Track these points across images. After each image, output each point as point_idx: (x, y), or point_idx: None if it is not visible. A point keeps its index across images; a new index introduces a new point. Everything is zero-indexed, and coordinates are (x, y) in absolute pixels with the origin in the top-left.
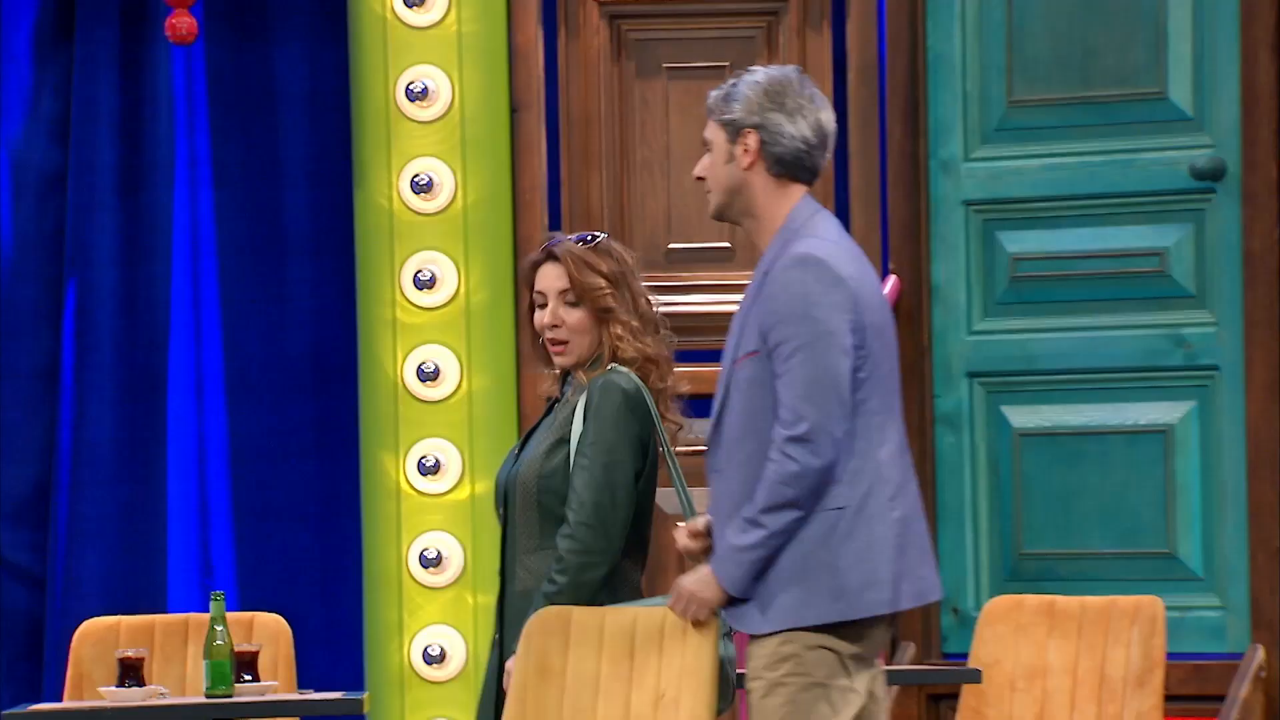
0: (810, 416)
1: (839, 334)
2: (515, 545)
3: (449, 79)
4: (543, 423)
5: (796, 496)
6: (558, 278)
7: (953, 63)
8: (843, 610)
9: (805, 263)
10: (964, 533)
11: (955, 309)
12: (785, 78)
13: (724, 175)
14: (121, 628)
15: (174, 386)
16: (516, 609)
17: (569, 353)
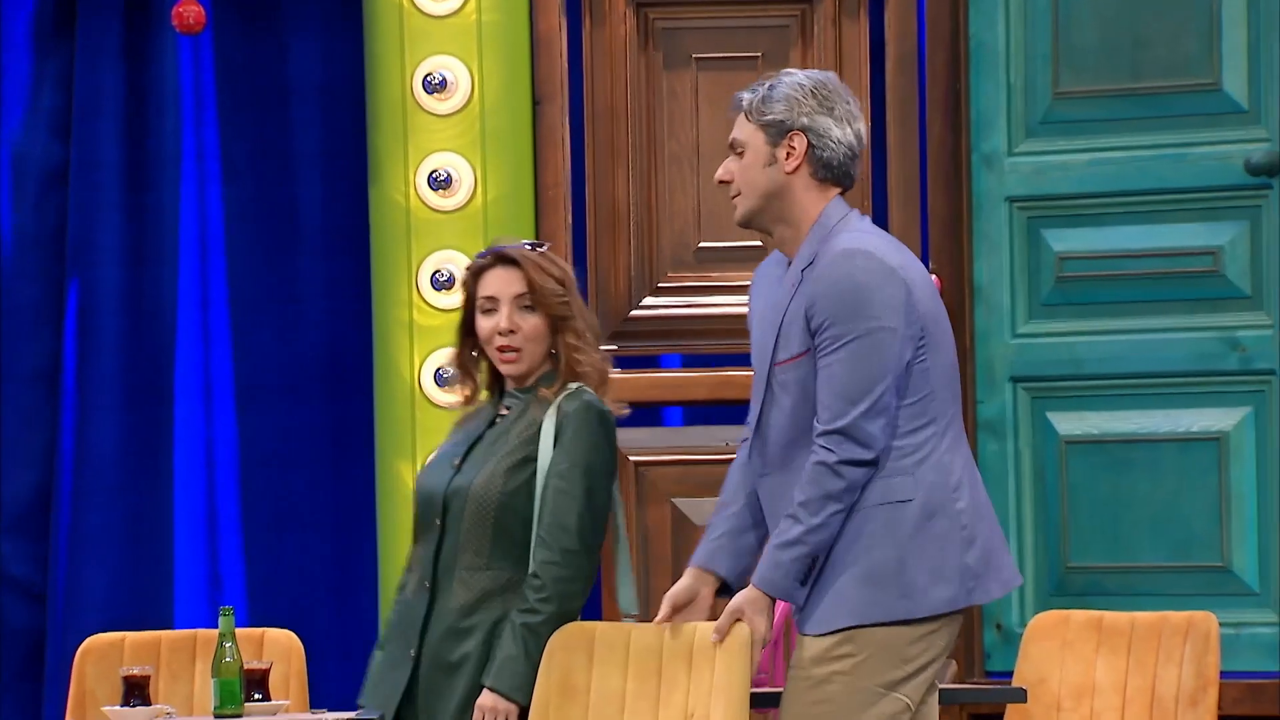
0: (851, 410)
1: (891, 327)
2: (453, 558)
3: (468, 70)
4: (486, 435)
5: (835, 490)
6: (512, 282)
7: (996, 52)
8: (909, 608)
9: (854, 256)
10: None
11: (998, 310)
12: (830, 81)
13: (762, 179)
14: (126, 644)
15: (181, 391)
16: (447, 626)
17: (520, 361)
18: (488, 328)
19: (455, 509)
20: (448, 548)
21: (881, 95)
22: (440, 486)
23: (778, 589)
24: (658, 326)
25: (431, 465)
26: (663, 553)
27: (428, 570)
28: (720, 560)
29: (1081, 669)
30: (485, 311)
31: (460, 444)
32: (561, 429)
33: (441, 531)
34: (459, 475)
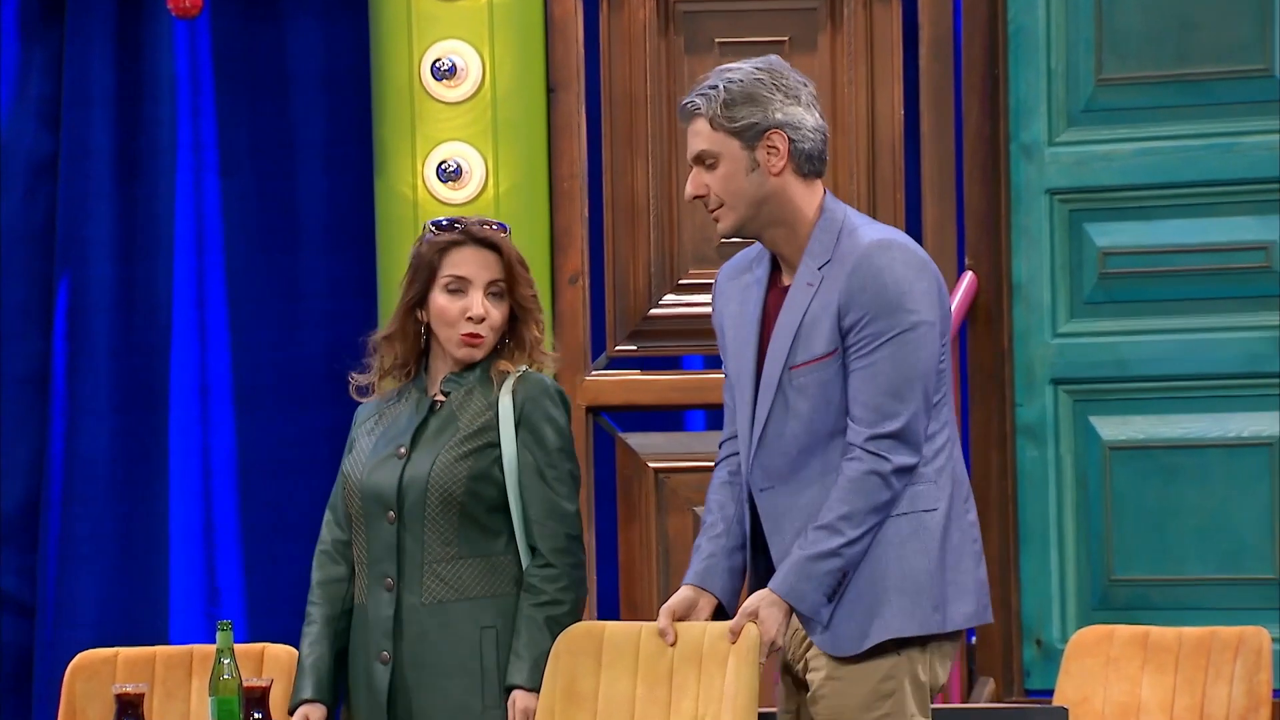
0: (902, 412)
1: (930, 321)
2: (418, 552)
3: (479, 55)
4: (430, 421)
5: (882, 502)
6: (487, 266)
7: (1036, 36)
8: (941, 621)
9: (888, 247)
10: (1048, 556)
11: (1038, 309)
12: (782, 67)
13: (749, 188)
14: (119, 660)
15: (176, 395)
16: (423, 623)
17: (482, 348)
18: (454, 310)
19: (413, 500)
20: (410, 542)
21: (915, 82)
22: (390, 477)
23: (805, 602)
24: (679, 325)
25: (368, 457)
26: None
27: (389, 568)
28: (715, 579)
29: (1126, 687)
30: (450, 291)
31: (400, 431)
32: (525, 412)
33: (399, 526)
34: (410, 464)
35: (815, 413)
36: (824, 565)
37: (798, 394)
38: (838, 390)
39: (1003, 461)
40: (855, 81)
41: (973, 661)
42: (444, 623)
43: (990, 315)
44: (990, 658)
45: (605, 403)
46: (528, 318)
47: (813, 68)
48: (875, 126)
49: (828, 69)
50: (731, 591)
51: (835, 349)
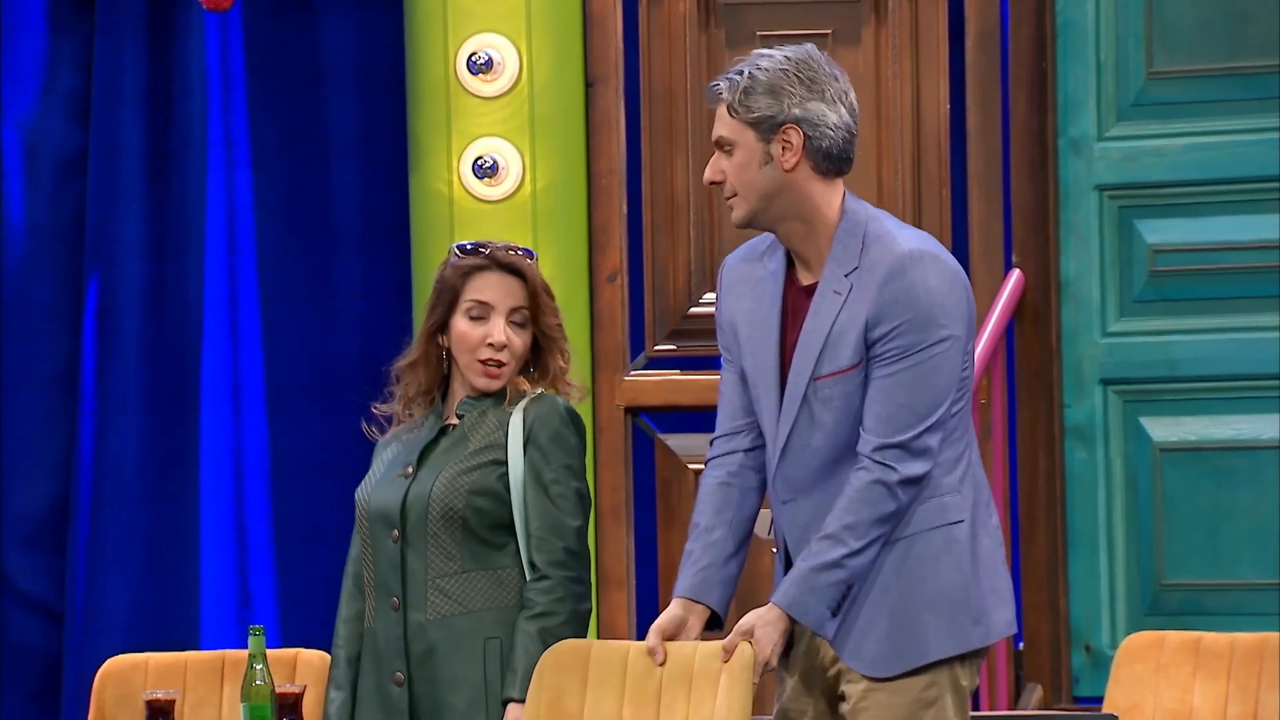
0: (915, 426)
1: (959, 336)
2: (422, 569)
3: (516, 49)
4: (440, 443)
5: (888, 513)
6: (511, 292)
7: (1085, 28)
8: (983, 635)
9: (921, 261)
10: (1098, 560)
11: (1087, 307)
12: (813, 58)
13: (760, 180)
14: (149, 666)
15: (207, 395)
16: (431, 639)
17: (502, 377)
18: (475, 336)
19: (415, 517)
20: (413, 559)
21: (961, 76)
22: (395, 497)
23: (809, 615)
24: None
25: (378, 480)
26: None
27: (395, 587)
28: (709, 590)
29: (1177, 694)
30: (472, 317)
31: (408, 453)
32: (533, 432)
33: (403, 544)
34: (415, 483)
35: (839, 425)
36: (827, 577)
37: (823, 406)
38: (861, 401)
39: (1051, 464)
40: (900, 76)
41: (1020, 668)
42: (449, 637)
43: (1038, 314)
44: (1038, 664)
45: (644, 403)
46: (552, 347)
47: (856, 62)
48: (920, 122)
49: (872, 63)
50: (725, 601)
51: (860, 360)
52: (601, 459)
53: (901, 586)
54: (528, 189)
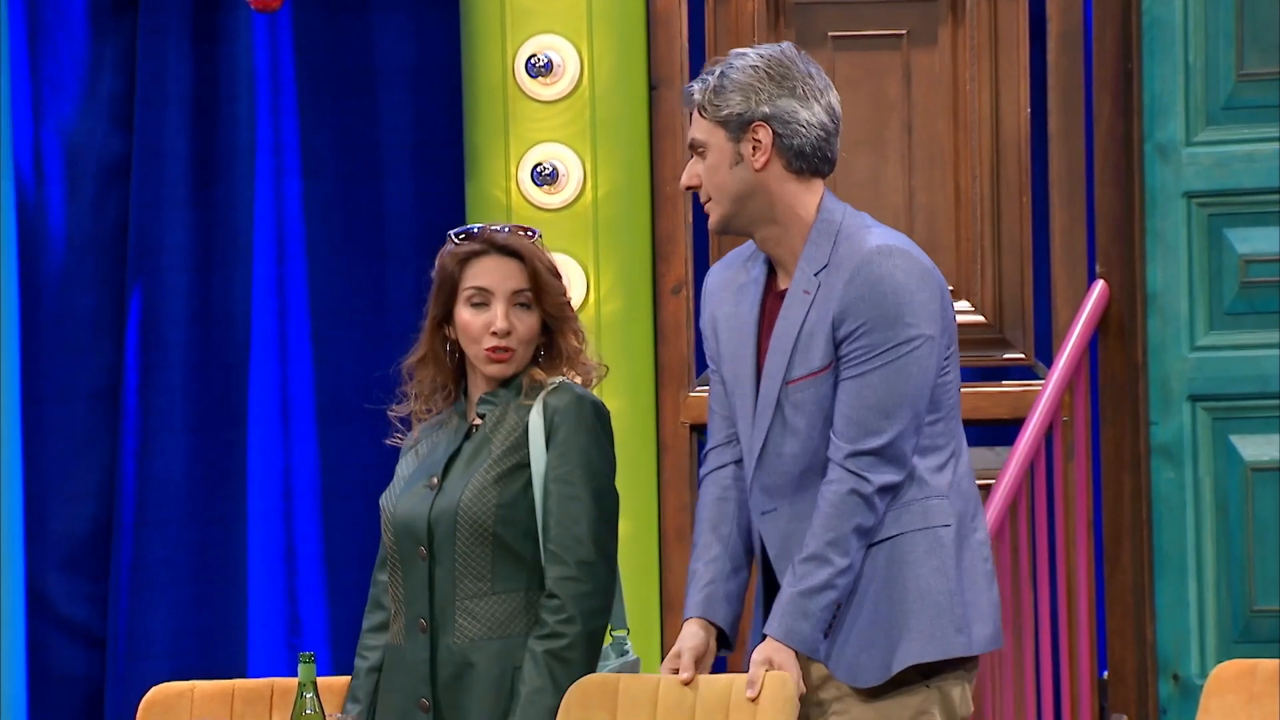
0: (887, 431)
1: (930, 335)
2: (450, 588)
3: (577, 51)
4: (464, 448)
5: (867, 524)
6: (511, 275)
7: (1172, 29)
8: (966, 644)
9: (890, 254)
10: (1186, 585)
11: (1175, 320)
12: (785, 55)
13: (731, 181)
14: (195, 694)
15: (255, 411)
16: (457, 665)
17: (511, 363)
18: (477, 324)
19: (443, 534)
20: (441, 578)
21: (1043, 78)
22: (421, 510)
23: (806, 643)
24: None
25: (401, 490)
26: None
27: (422, 607)
28: (717, 609)
29: None
30: (474, 304)
31: (435, 462)
32: (554, 427)
33: (431, 561)
34: (441, 495)
35: (813, 430)
36: (819, 600)
37: (795, 410)
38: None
39: (1136, 484)
40: (978, 78)
41: (1105, 698)
42: (478, 663)
43: (1123, 327)
44: (1124, 694)
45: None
46: (562, 327)
47: (933, 63)
48: (1000, 126)
49: (949, 64)
50: (734, 619)
51: (831, 362)
52: (665, 478)
53: (882, 590)
54: (588, 197)
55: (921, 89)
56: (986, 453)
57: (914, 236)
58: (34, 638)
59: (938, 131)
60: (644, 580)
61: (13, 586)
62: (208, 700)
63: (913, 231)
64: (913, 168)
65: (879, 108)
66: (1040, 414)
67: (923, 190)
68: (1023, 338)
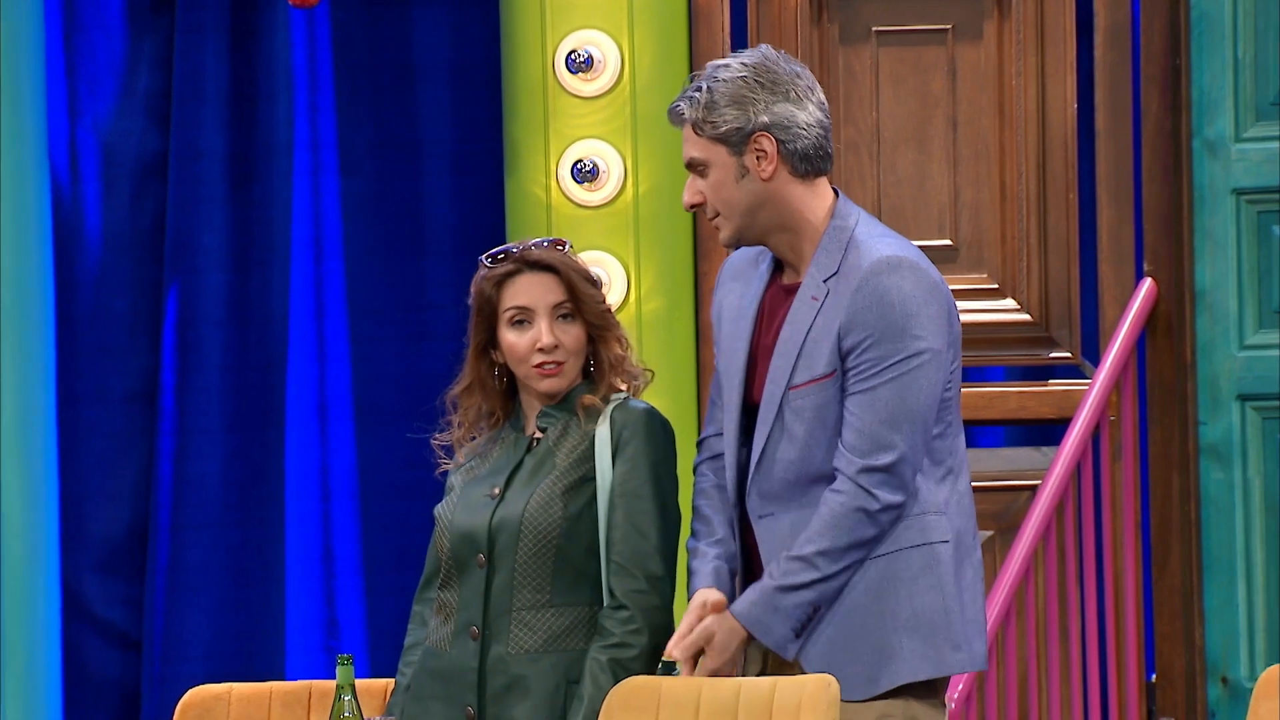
0: (898, 446)
1: (937, 349)
2: (507, 598)
3: (617, 46)
4: (525, 461)
5: (865, 539)
6: (549, 290)
7: (1221, 22)
8: (963, 662)
9: (898, 268)
10: (1235, 587)
11: (1224, 318)
12: (769, 59)
13: (740, 196)
14: (232, 697)
15: (293, 412)
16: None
17: (562, 376)
18: (523, 344)
19: (505, 543)
20: (498, 587)
21: (1090, 73)
22: (482, 519)
23: (770, 635)
24: None
25: (460, 499)
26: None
27: (475, 614)
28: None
29: None
30: (516, 324)
31: (495, 473)
32: (621, 442)
33: (489, 569)
34: (504, 505)
35: (810, 437)
36: (794, 598)
37: (795, 416)
38: (834, 414)
39: (1185, 485)
40: (1025, 73)
41: (1153, 701)
42: (529, 675)
43: (1171, 326)
44: (1172, 698)
45: None
46: (605, 335)
47: (978, 58)
48: (1046, 122)
49: (994, 59)
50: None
51: (834, 370)
52: None
53: (876, 606)
54: (629, 193)
55: (967, 84)
56: (1032, 453)
57: (959, 234)
58: (70, 640)
59: (983, 128)
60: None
61: (49, 588)
62: (245, 703)
63: (958, 229)
64: (958, 164)
65: (924, 103)
66: (1087, 414)
67: (968, 187)
68: (1069, 336)
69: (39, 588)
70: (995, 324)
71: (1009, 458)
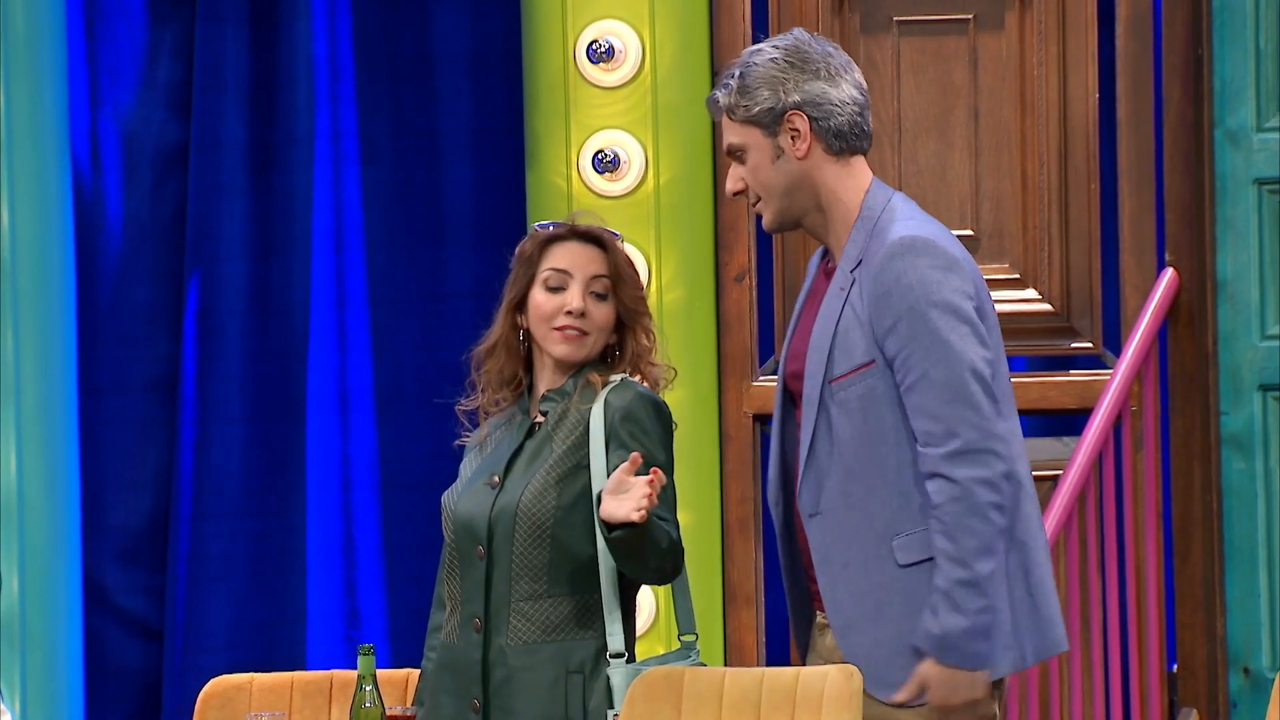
0: (964, 421)
1: (967, 320)
2: (506, 589)
3: (638, 36)
4: (525, 446)
5: (1000, 521)
6: (592, 260)
7: (1243, 13)
8: (1053, 645)
9: (912, 248)
10: (1256, 577)
11: (1245, 309)
12: (801, 41)
13: (778, 177)
14: (253, 687)
15: (313, 402)
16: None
17: (583, 347)
18: (551, 304)
19: (502, 532)
20: (498, 578)
21: (1111, 63)
22: (482, 509)
23: (989, 660)
24: None
25: (464, 487)
26: None
27: (477, 606)
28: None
29: None
30: (550, 287)
31: (496, 459)
32: (614, 427)
33: (488, 560)
34: (502, 494)
35: (859, 431)
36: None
37: (840, 410)
38: (882, 405)
39: (1206, 475)
40: (1046, 62)
41: (1174, 691)
42: (530, 665)
43: (1192, 316)
44: (1193, 688)
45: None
46: (634, 323)
47: (1000, 48)
48: (1068, 111)
49: (1016, 49)
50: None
51: (873, 359)
52: (728, 469)
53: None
54: (650, 184)
55: (988, 74)
56: (1054, 443)
57: (980, 224)
58: (92, 630)
59: (1005, 118)
60: (707, 572)
61: (70, 578)
62: (266, 692)
63: (979, 219)
64: (979, 154)
65: (945, 93)
66: (1109, 404)
67: (989, 177)
68: (1091, 326)
69: (60, 577)
70: (1017, 314)
71: (1030, 448)
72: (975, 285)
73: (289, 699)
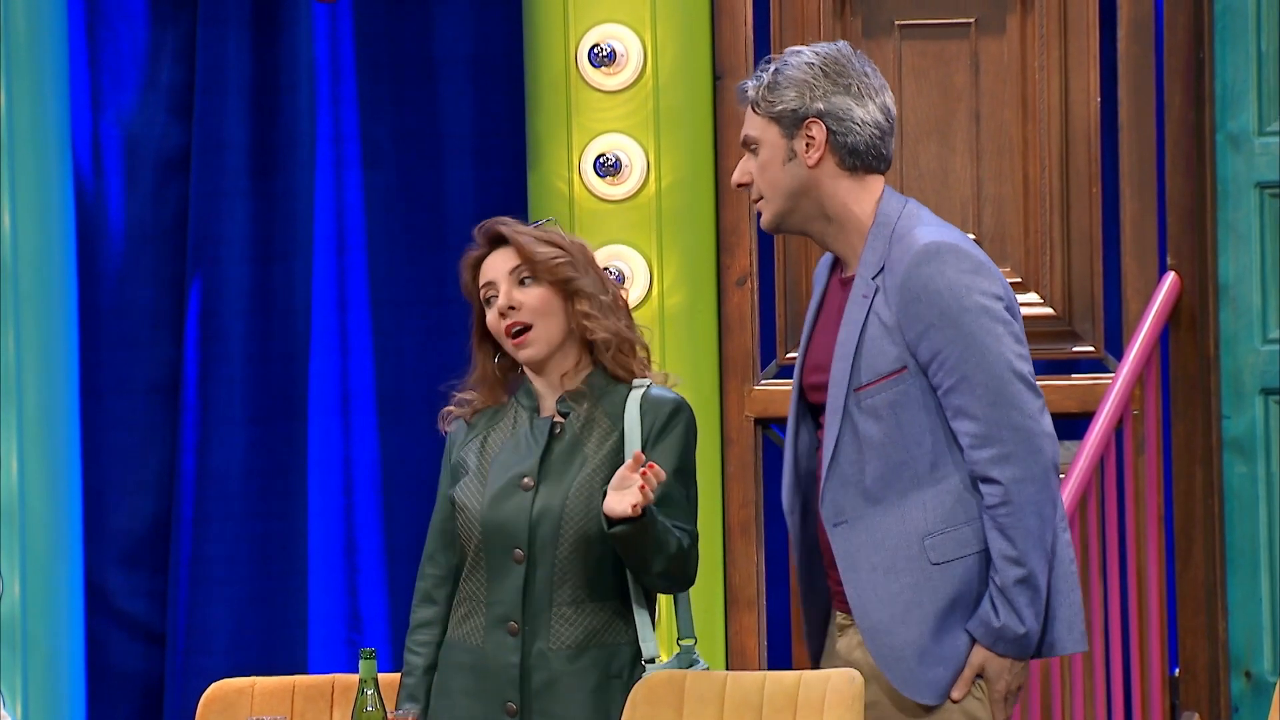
0: (1007, 423)
1: (1000, 320)
2: (547, 593)
3: (640, 40)
4: (554, 448)
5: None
6: (506, 258)
7: (1245, 16)
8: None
9: (938, 253)
10: (1258, 580)
11: (1247, 312)
12: (842, 54)
13: (784, 178)
14: (255, 690)
15: (315, 405)
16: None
17: (535, 340)
18: (494, 318)
19: (545, 536)
20: (539, 582)
21: (1113, 66)
22: (519, 512)
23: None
24: None
25: (487, 485)
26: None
27: (511, 609)
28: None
29: None
30: (489, 301)
31: (520, 460)
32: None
33: (529, 565)
34: (540, 497)
35: (888, 438)
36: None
37: (867, 417)
38: (916, 407)
39: (1208, 478)
40: (1047, 66)
41: (1176, 695)
42: (573, 670)
43: (1194, 319)
44: (1195, 691)
45: (775, 414)
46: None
47: (1001, 51)
48: (1069, 115)
49: (1017, 52)
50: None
51: (904, 366)
52: (730, 472)
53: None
54: (652, 188)
55: (990, 78)
56: None
57: (982, 227)
58: (93, 633)
59: (1006, 121)
60: (708, 576)
61: (72, 581)
62: (268, 696)
63: (980, 222)
64: (981, 158)
65: (946, 97)
66: (1110, 408)
67: (991, 180)
68: (1092, 330)
69: (62, 580)
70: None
71: None
72: (1002, 286)
73: (291, 703)
